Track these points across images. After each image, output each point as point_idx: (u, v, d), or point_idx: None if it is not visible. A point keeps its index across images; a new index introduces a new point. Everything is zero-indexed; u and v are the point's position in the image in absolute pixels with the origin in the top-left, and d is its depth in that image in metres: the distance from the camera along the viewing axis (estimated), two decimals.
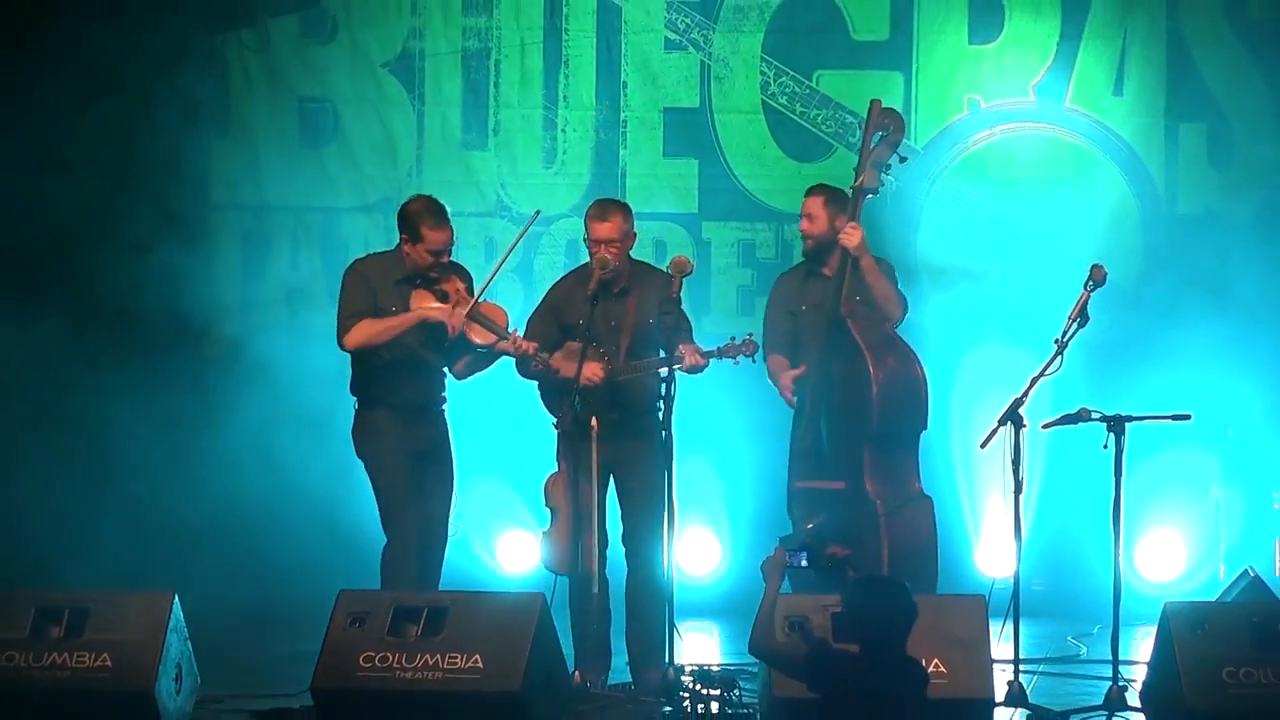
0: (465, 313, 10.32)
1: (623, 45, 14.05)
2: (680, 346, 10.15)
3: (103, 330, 13.45)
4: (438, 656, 9.25)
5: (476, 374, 10.66)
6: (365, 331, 10.39)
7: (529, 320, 10.63)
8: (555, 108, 14.10)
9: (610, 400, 10.36)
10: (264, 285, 13.73)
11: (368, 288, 10.49)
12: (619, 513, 10.59)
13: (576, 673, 10.07)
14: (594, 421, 10.30)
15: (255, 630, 12.03)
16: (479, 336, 10.39)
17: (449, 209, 10.50)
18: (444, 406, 10.65)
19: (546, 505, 10.66)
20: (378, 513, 10.49)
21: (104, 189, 13.56)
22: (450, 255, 10.54)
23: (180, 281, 13.51)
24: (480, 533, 13.56)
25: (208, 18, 13.75)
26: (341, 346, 10.47)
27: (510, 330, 10.43)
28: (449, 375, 10.64)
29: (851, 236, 10.52)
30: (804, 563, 8.69)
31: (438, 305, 10.41)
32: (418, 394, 10.55)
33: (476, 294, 10.47)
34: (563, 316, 10.51)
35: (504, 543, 13.71)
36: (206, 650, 9.83)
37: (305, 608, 10.97)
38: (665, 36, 14.06)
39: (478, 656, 9.22)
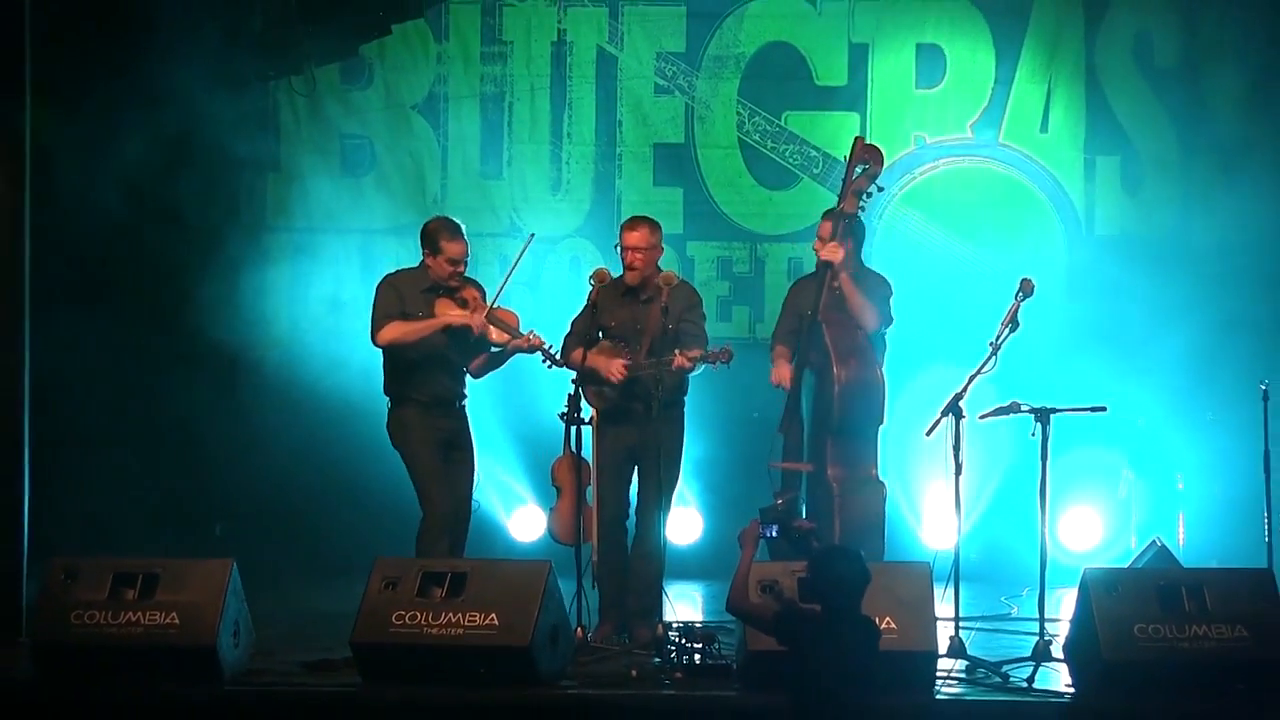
0: (484, 316, 10.33)
1: (618, 90, 14.06)
2: (676, 351, 10.18)
3: (175, 333, 13.44)
4: (459, 615, 9.24)
5: (491, 372, 10.67)
6: (396, 330, 10.39)
7: (573, 320, 10.62)
8: (560, 143, 14.10)
9: (632, 393, 10.38)
10: (310, 295, 13.71)
11: (398, 296, 10.49)
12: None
13: (578, 629, 10.04)
14: (593, 413, 10.34)
15: (302, 592, 11.99)
16: (496, 335, 10.41)
17: (465, 228, 10.51)
18: (465, 401, 10.64)
19: (553, 485, 10.69)
20: (415, 493, 10.48)
21: (174, 213, 13.54)
22: (466, 266, 10.55)
23: (240, 292, 13.50)
24: (496, 508, 13.53)
25: (262, 66, 13.73)
26: (374, 342, 10.45)
27: (525, 330, 10.46)
28: (468, 375, 10.66)
29: (834, 254, 10.51)
30: (775, 534, 8.68)
31: (460, 312, 10.42)
32: (442, 390, 10.54)
33: (491, 300, 10.47)
34: (599, 318, 10.51)
35: (516, 517, 13.68)
36: (260, 609, 9.82)
37: (343, 572, 10.94)
38: (655, 82, 14.06)
39: (493, 615, 9.21)
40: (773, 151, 14.03)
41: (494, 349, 10.52)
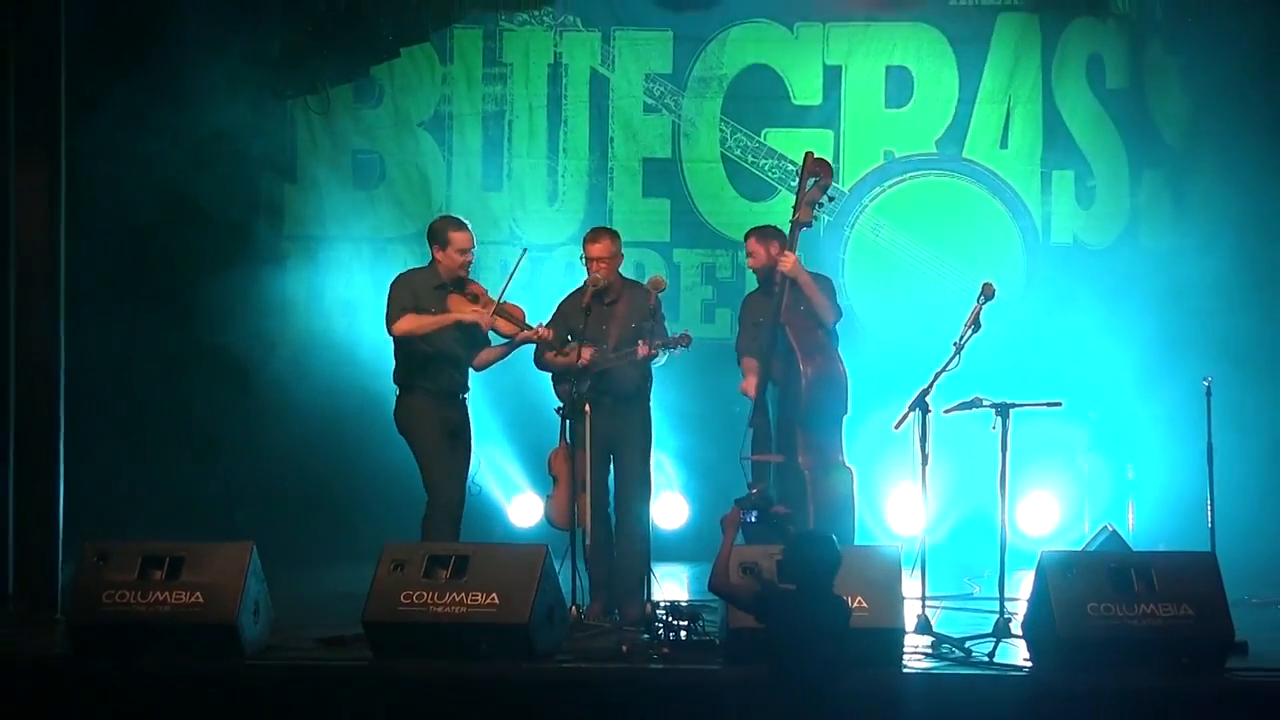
0: (493, 310, 10.38)
1: (610, 108, 14.05)
2: (640, 341, 10.31)
3: (198, 333, 13.41)
4: (462, 595, 9.26)
5: (491, 366, 10.70)
6: (411, 323, 10.42)
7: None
8: (556, 158, 14.09)
9: (601, 388, 10.43)
10: (324, 298, 13.69)
11: (412, 291, 10.53)
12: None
13: (573, 608, 10.05)
14: (586, 406, 10.35)
15: (316, 574, 11.97)
16: (504, 327, 10.47)
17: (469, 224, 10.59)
18: (468, 394, 10.66)
19: (549, 474, 10.67)
20: (421, 479, 10.49)
21: (197, 220, 13.52)
22: (474, 255, 10.61)
23: (259, 294, 13.48)
24: (497, 495, 13.51)
25: (281, 86, 13.75)
26: (390, 332, 10.49)
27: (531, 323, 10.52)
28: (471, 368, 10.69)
29: (785, 262, 10.57)
30: (754, 519, 8.68)
31: (472, 308, 10.43)
32: (449, 382, 10.57)
33: (499, 295, 10.50)
34: (569, 322, 10.60)
35: (515, 504, 13.66)
36: (278, 590, 9.82)
37: (355, 556, 10.92)
38: (644, 101, 14.06)
39: (494, 595, 9.23)
40: (753, 166, 14.03)
41: (503, 339, 10.54)
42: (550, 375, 10.68)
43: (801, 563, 7.88)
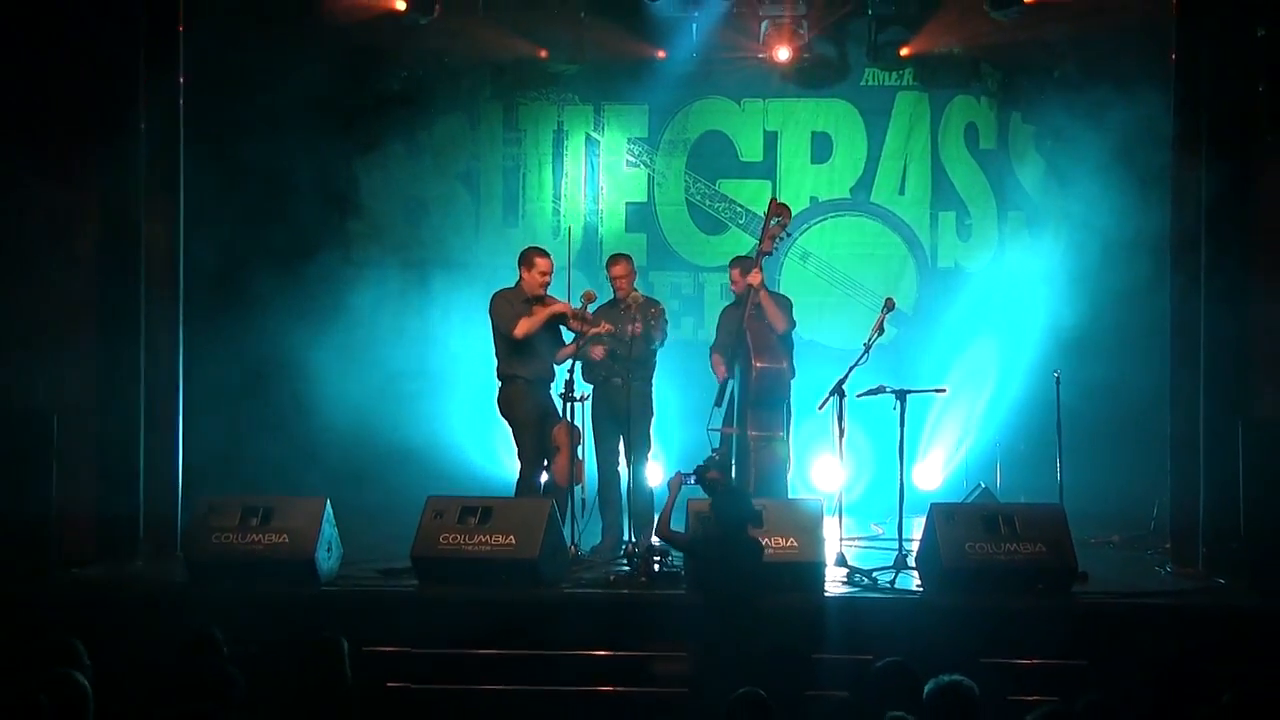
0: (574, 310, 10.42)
1: (600, 164, 14.03)
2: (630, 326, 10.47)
3: (282, 337, 13.20)
4: (486, 536, 9.31)
5: (569, 359, 10.54)
6: (527, 324, 10.33)
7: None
8: (560, 202, 14.07)
9: (613, 369, 10.56)
10: (380, 309, 13.61)
11: (510, 304, 10.46)
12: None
13: (571, 547, 10.03)
14: (582, 395, 10.40)
15: (374, 521, 11.92)
16: (578, 325, 10.44)
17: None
18: (554, 381, 10.57)
19: (553, 444, 10.62)
20: (517, 454, 10.52)
21: (283, 244, 13.39)
22: (551, 278, 10.51)
23: (328, 305, 13.39)
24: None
25: (347, 146, 13.69)
26: (515, 336, 10.33)
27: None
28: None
29: (754, 278, 10.56)
30: (693, 481, 8.74)
31: (556, 304, 10.42)
32: (544, 370, 10.52)
33: (569, 303, 10.54)
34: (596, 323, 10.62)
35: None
36: (345, 533, 9.82)
37: (405, 507, 10.87)
38: (626, 159, 14.04)
39: (511, 537, 9.27)
40: (710, 208, 14.02)
41: (577, 333, 10.44)
42: (582, 364, 10.68)
43: (725, 513, 7.99)
